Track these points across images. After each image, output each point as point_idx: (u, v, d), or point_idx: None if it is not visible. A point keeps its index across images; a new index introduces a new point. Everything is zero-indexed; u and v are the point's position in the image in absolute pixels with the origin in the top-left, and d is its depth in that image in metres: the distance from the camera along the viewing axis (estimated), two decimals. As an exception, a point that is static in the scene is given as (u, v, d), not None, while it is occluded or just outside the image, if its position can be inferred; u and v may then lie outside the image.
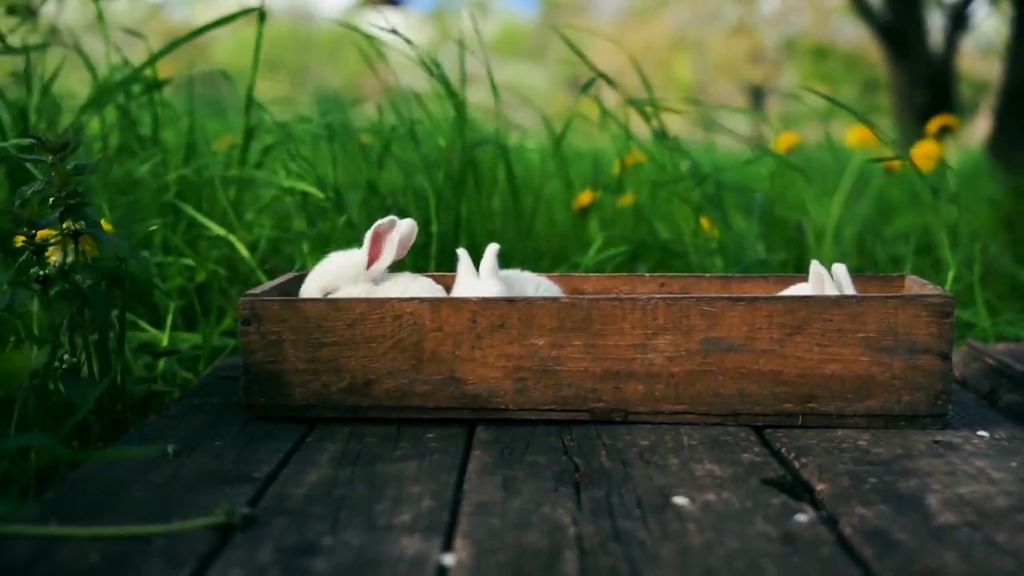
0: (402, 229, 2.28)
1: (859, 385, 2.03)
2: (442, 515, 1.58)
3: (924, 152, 4.78)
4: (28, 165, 2.65)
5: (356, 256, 2.28)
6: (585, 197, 4.14)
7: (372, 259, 2.26)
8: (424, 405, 2.10)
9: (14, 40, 3.26)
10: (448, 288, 2.37)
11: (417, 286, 2.28)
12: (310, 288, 2.27)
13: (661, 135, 3.62)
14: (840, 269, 2.24)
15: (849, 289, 2.22)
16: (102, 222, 2.20)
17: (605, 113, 3.85)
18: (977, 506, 1.60)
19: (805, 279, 2.44)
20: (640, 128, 3.95)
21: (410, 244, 2.33)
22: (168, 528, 1.51)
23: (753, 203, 3.76)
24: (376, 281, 2.26)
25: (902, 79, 11.04)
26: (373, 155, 3.51)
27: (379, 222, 2.25)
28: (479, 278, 2.29)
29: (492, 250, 2.31)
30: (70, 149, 2.12)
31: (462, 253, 2.36)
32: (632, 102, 3.56)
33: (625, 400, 2.07)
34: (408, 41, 3.32)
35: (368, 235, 2.25)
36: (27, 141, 2.36)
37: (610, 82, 3.50)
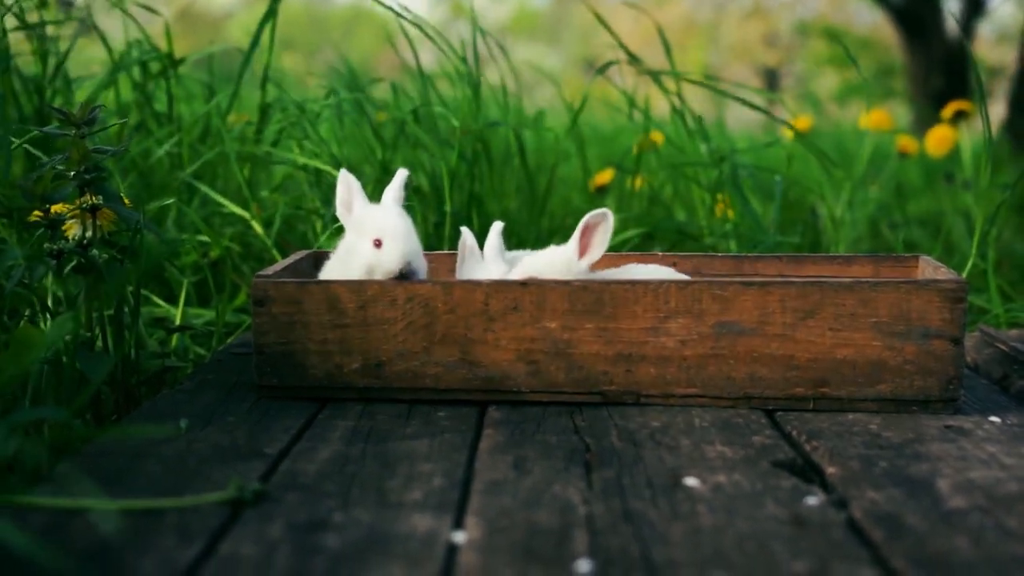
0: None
1: (871, 370, 2.03)
2: (453, 493, 1.58)
3: (939, 137, 4.77)
4: (42, 141, 2.65)
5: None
6: (603, 176, 4.14)
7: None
8: (436, 387, 2.10)
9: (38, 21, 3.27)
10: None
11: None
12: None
13: (681, 113, 3.61)
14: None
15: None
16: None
17: (624, 94, 3.84)
18: (988, 491, 1.60)
19: (816, 262, 2.44)
20: (657, 109, 3.95)
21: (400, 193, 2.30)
22: (180, 503, 1.52)
23: (768, 185, 3.75)
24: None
25: (918, 63, 10.98)
26: (387, 134, 3.51)
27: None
28: (483, 260, 2.29)
29: (496, 229, 2.30)
30: (97, 126, 2.13)
31: (465, 232, 2.35)
32: (651, 72, 3.55)
33: (637, 383, 2.07)
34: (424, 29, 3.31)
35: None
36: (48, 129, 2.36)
37: (632, 56, 3.49)
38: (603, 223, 2.15)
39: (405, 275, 2.12)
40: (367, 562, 1.33)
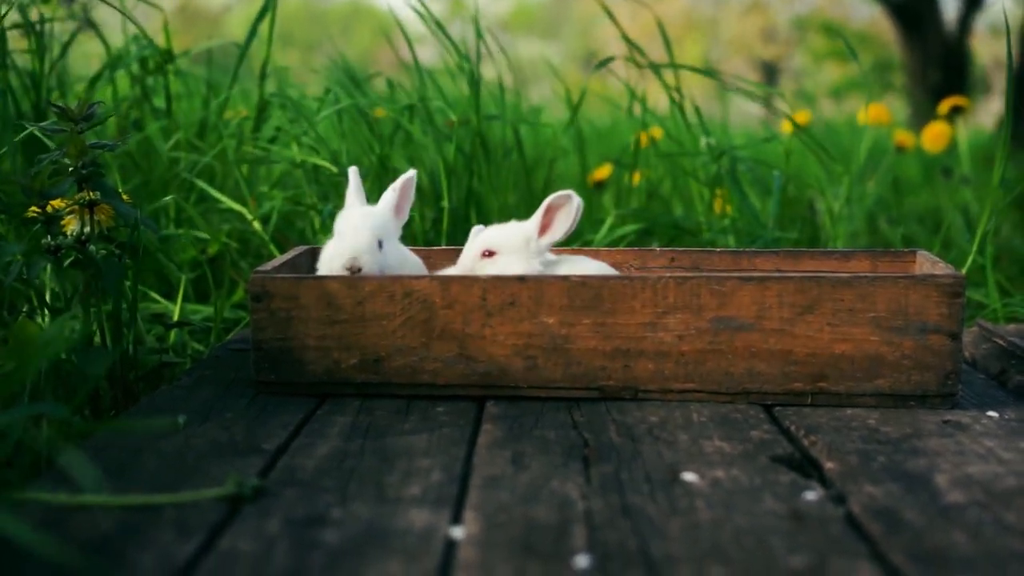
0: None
1: (869, 365, 2.03)
2: (451, 488, 1.58)
3: (935, 133, 4.77)
4: (43, 136, 2.65)
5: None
6: (602, 172, 4.13)
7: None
8: (434, 382, 2.10)
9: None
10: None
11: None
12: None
13: (680, 106, 3.61)
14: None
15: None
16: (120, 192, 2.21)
17: (625, 85, 3.84)
18: (986, 486, 1.60)
19: (814, 257, 2.44)
20: (657, 106, 3.94)
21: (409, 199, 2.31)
22: (178, 498, 1.52)
23: (767, 180, 3.75)
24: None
25: (915, 58, 10.98)
26: (385, 130, 3.51)
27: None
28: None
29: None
30: (95, 121, 2.13)
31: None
32: (652, 65, 3.56)
33: (635, 378, 2.07)
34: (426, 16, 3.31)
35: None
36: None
37: (633, 46, 3.49)
38: (567, 205, 2.17)
39: (351, 271, 2.12)
40: (365, 557, 1.33)
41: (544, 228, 2.19)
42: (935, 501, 1.54)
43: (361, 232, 2.16)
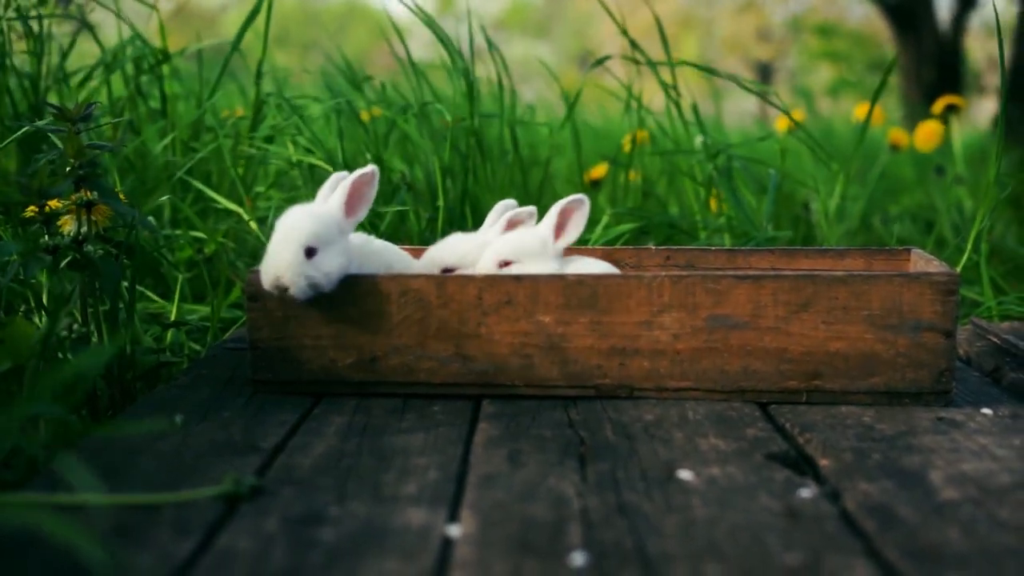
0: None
1: (863, 362, 2.04)
2: (448, 487, 1.59)
3: (927, 132, 4.77)
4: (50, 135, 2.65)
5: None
6: (597, 171, 4.14)
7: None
8: (431, 381, 2.10)
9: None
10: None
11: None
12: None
13: (677, 103, 3.62)
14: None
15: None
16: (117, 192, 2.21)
17: (622, 84, 3.85)
18: (980, 483, 1.61)
19: (809, 255, 2.45)
20: (652, 105, 3.95)
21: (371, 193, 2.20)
22: (176, 497, 1.52)
23: (762, 179, 3.76)
24: None
25: (909, 58, 11.00)
26: (381, 129, 3.51)
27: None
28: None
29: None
30: (91, 120, 2.14)
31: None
32: (649, 62, 3.56)
33: (630, 377, 2.08)
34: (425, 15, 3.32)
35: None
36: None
37: (632, 43, 3.50)
38: (580, 209, 2.18)
39: (279, 291, 2.05)
40: (362, 556, 1.34)
41: (559, 231, 2.20)
42: (929, 498, 1.54)
43: (284, 248, 2.06)
